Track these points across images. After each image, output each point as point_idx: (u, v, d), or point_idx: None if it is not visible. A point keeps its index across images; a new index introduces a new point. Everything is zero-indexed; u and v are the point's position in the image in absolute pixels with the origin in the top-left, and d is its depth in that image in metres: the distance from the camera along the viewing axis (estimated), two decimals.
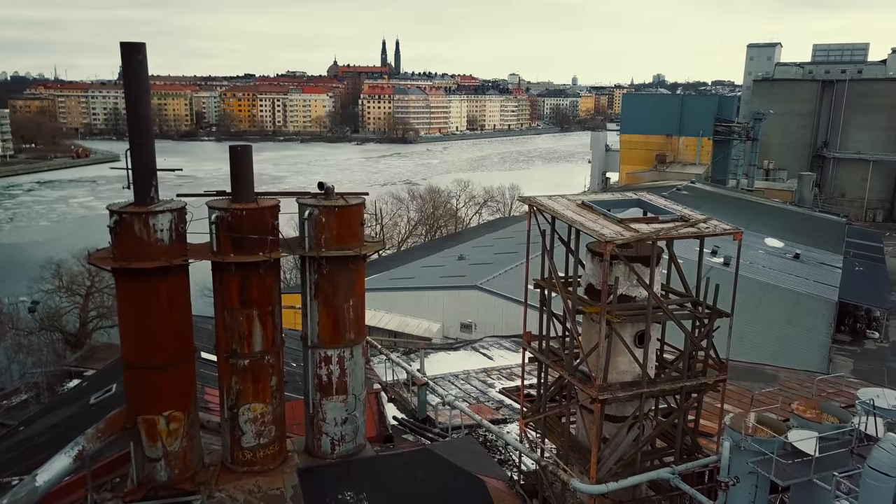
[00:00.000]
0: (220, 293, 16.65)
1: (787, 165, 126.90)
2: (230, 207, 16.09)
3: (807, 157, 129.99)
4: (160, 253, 15.55)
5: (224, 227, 16.03)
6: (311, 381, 17.78)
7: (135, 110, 15.63)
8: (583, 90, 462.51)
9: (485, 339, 38.66)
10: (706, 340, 16.21)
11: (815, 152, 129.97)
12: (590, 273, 16.47)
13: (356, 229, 16.99)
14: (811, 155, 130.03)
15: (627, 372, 16.35)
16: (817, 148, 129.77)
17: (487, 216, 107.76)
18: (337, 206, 16.70)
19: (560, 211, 16.08)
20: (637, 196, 17.76)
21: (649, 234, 14.62)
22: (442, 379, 30.46)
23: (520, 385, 29.09)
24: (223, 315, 16.69)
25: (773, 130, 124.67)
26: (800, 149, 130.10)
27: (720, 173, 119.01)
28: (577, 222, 15.31)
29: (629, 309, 15.72)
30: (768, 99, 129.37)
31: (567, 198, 17.33)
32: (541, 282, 17.32)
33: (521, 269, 55.80)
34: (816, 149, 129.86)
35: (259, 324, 16.72)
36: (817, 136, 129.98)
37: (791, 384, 27.93)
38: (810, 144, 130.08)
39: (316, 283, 17.05)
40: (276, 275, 17.06)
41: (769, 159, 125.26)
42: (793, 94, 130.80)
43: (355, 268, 17.23)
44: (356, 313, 17.57)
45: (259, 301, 16.58)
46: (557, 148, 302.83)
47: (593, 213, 16.09)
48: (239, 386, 16.94)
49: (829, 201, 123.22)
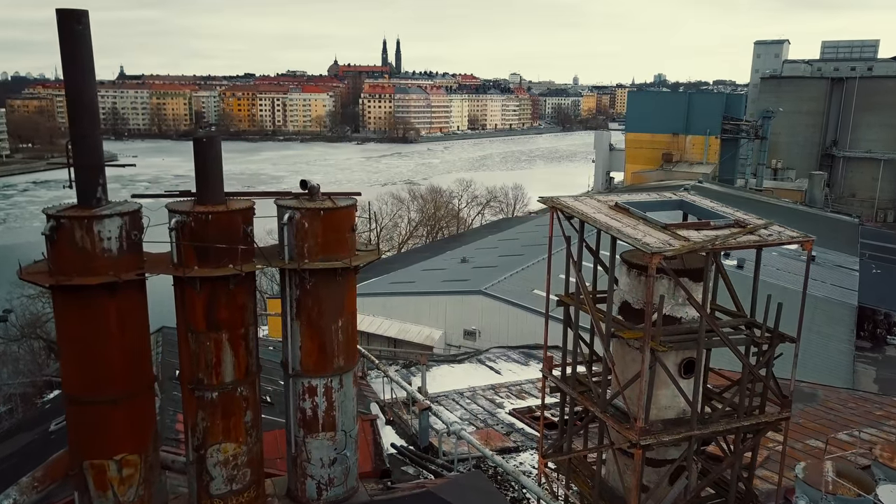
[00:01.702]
0: (182, 313, 13.92)
1: (796, 165, 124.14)
2: (193, 211, 13.37)
3: (816, 156, 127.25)
4: (107, 266, 12.84)
5: (186, 235, 13.31)
6: (294, 416, 15.05)
7: (76, 93, 12.92)
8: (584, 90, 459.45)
9: (491, 350, 35.94)
10: (766, 370, 13.50)
11: (824, 151, 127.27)
12: (624, 289, 13.74)
13: (346, 236, 14.27)
14: (820, 154, 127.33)
15: (670, 407, 13.65)
16: (826, 147, 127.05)
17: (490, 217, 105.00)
18: (322, 209, 13.98)
19: (590, 214, 13.35)
20: (678, 196, 15.04)
21: (703, 244, 11.90)
22: (445, 397, 27.74)
23: (532, 406, 26.45)
24: (187, 339, 13.96)
25: (780, 129, 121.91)
26: (808, 148, 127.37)
27: (728, 173, 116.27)
28: (614, 228, 12.58)
29: (676, 333, 13.00)
30: (776, 97, 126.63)
31: (597, 198, 14.60)
32: (566, 298, 14.58)
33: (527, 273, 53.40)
34: (825, 148, 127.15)
35: (230, 349, 13.99)
36: (826, 134, 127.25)
37: (832, 403, 25.19)
38: (819, 143, 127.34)
39: (298, 299, 14.33)
40: (251, 291, 14.33)
41: (777, 158, 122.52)
42: (801, 92, 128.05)
43: (345, 282, 14.50)
44: (346, 335, 14.84)
45: (229, 322, 13.85)
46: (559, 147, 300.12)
47: (630, 216, 13.37)
48: (206, 423, 14.20)
49: (839, 201, 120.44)
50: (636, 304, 13.53)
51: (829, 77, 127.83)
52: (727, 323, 13.60)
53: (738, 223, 13.25)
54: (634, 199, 14.57)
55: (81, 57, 12.71)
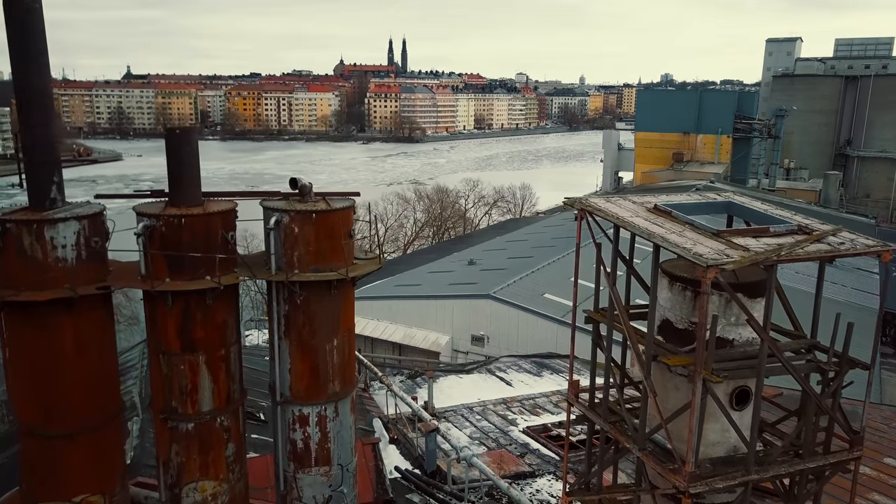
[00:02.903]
0: (152, 333, 12.05)
1: (808, 164, 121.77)
2: (164, 214, 11.49)
3: (829, 155, 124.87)
4: (62, 278, 11.00)
5: (156, 242, 11.44)
6: (283, 449, 13.15)
7: (24, 78, 11.06)
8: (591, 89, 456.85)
9: (501, 359, 33.99)
10: (832, 400, 11.55)
11: (837, 151, 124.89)
12: (665, 305, 11.79)
13: (342, 242, 12.36)
14: (833, 153, 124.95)
15: (719, 444, 11.70)
16: (840, 146, 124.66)
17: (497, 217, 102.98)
18: (315, 211, 12.08)
19: (627, 219, 11.40)
20: (724, 197, 13.07)
21: (767, 255, 9.94)
22: (454, 412, 25.83)
23: (548, 424, 24.51)
24: (158, 362, 12.08)
25: (793, 128, 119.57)
26: (821, 147, 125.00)
27: (739, 172, 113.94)
28: (657, 236, 10.63)
29: (729, 358, 11.04)
30: (788, 95, 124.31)
31: (631, 199, 12.64)
32: (596, 315, 12.62)
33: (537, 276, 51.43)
34: (839, 147, 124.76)
35: (207, 374, 12.11)
36: (840, 133, 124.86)
37: (876, 423, 23.11)
38: (833, 143, 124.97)
39: (286, 316, 12.43)
40: (232, 306, 12.44)
41: (790, 158, 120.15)
42: (814, 91, 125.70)
43: (341, 295, 12.60)
44: (343, 356, 12.94)
45: (207, 343, 11.97)
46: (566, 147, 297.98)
47: (674, 221, 11.41)
48: (181, 458, 12.33)
49: (853, 201, 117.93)
50: (679, 322, 11.59)
51: (842, 75, 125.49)
52: (788, 346, 11.65)
53: (801, 229, 11.28)
54: (674, 200, 12.63)
55: (30, 34, 10.84)
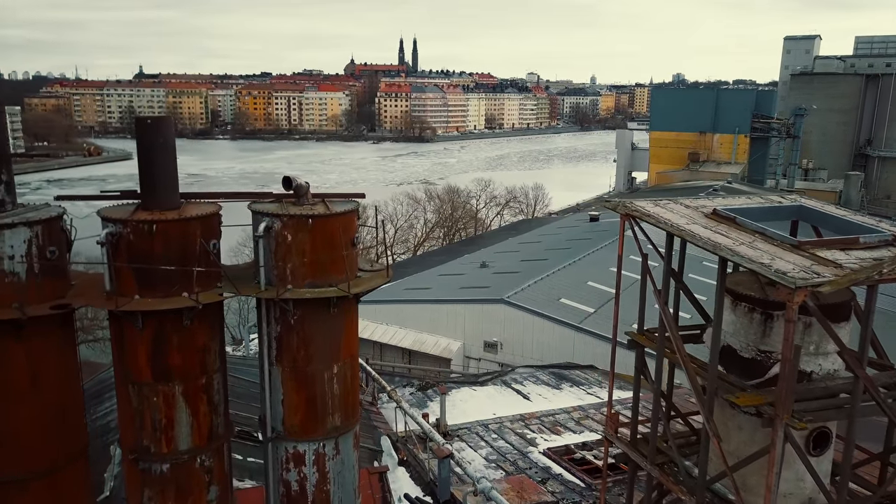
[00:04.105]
0: (120, 359, 10.26)
1: (827, 165, 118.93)
2: (132, 219, 9.70)
3: (848, 155, 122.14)
4: (9, 296, 9.23)
5: (123, 252, 9.64)
6: (275, 491, 11.33)
7: None
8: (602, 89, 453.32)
9: (517, 370, 32.07)
10: None
11: (857, 151, 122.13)
12: (727, 329, 9.89)
13: (343, 252, 10.53)
14: (853, 153, 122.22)
15: (792, 494, 9.83)
16: (860, 146, 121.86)
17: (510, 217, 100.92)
18: (312, 216, 10.26)
19: (684, 226, 9.49)
20: (797, 201, 11.15)
21: (868, 272, 8.02)
22: (468, 430, 23.94)
23: (571, 446, 22.62)
24: (127, 394, 10.29)
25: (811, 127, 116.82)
26: (841, 147, 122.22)
27: (757, 173, 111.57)
28: (724, 248, 8.73)
29: (809, 396, 9.13)
30: (807, 94, 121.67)
31: (683, 202, 10.73)
32: (641, 338, 10.71)
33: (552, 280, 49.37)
34: (859, 147, 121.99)
35: (185, 407, 10.31)
36: (860, 133, 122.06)
37: None
38: (852, 142, 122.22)
39: (278, 338, 10.61)
40: (215, 326, 10.63)
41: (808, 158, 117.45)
42: (834, 89, 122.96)
43: (342, 315, 10.76)
44: (345, 385, 11.10)
45: (184, 371, 10.18)
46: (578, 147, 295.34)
47: (740, 229, 9.50)
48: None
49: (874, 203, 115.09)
50: (745, 350, 9.69)
51: (863, 73, 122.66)
52: (879, 380, 9.73)
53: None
54: (734, 204, 10.72)
55: None
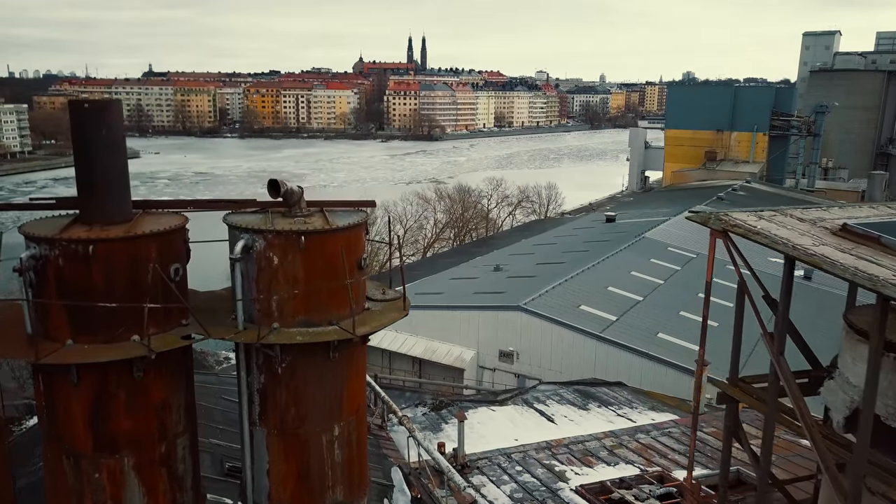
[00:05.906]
0: (51, 422, 7.76)
1: (848, 163, 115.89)
2: (62, 237, 7.18)
3: (870, 154, 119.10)
4: None
5: (50, 282, 7.14)
6: None
7: None
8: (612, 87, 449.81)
9: (539, 387, 29.47)
10: None
11: (878, 149, 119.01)
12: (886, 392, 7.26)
13: (347, 280, 7.98)
14: (874, 152, 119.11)
15: None
16: (882, 144, 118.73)
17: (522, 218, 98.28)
18: (306, 233, 7.72)
19: (811, 248, 6.92)
20: None
21: None
22: (488, 461, 21.35)
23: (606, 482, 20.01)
24: (61, 468, 7.79)
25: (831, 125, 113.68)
26: (862, 145, 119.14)
27: (776, 172, 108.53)
28: (883, 281, 6.13)
29: None
30: (827, 91, 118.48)
31: (792, 215, 8.17)
32: (735, 391, 8.14)
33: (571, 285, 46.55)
34: (880, 146, 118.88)
35: (138, 484, 7.81)
36: (882, 131, 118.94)
37: None
38: (874, 141, 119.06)
39: (262, 392, 8.10)
40: (179, 376, 8.11)
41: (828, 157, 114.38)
42: (854, 86, 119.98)
43: (344, 361, 8.22)
44: (348, 450, 8.57)
45: (136, 437, 7.67)
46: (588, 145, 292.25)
47: (888, 252, 6.94)
48: None
49: None
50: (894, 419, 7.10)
51: (885, 70, 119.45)
52: None
53: None
54: (864, 216, 8.18)
55: None
